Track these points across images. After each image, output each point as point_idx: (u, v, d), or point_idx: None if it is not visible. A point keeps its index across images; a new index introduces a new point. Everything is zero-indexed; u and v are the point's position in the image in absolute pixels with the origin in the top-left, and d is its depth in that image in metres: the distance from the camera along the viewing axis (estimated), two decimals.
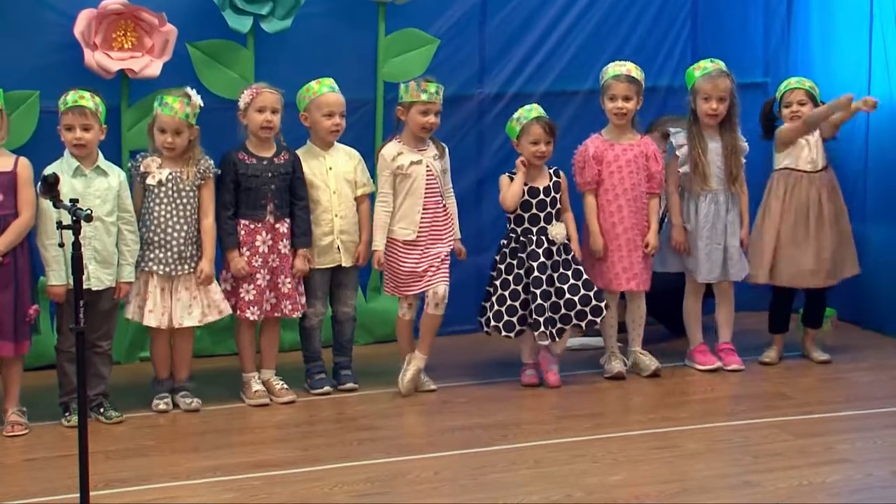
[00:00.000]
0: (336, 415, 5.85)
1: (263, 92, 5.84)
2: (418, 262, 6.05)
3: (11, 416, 5.48)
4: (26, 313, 5.47)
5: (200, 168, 5.74)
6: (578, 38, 7.13)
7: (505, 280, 6.14)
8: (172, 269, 5.71)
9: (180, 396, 5.85)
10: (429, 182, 6.05)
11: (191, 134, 5.71)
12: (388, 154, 6.04)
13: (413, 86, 6.01)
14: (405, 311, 6.15)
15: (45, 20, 6.07)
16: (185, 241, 5.72)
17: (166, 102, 5.67)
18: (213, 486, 4.91)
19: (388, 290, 6.20)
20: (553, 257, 6.11)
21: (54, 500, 4.66)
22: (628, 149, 6.29)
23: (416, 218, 6.03)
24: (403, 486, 4.91)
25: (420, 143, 6.08)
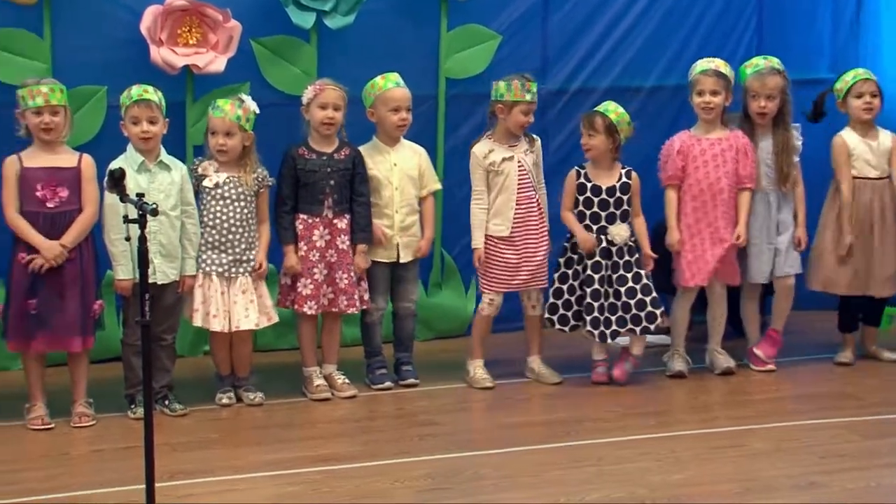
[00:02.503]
0: (397, 410, 5.86)
1: (326, 88, 5.86)
2: (514, 258, 6.05)
3: (79, 407, 5.54)
4: (91, 309, 5.53)
5: (258, 177, 5.77)
6: (642, 33, 7.10)
7: (564, 274, 6.12)
8: (228, 270, 5.74)
9: (243, 390, 5.89)
10: (521, 177, 6.05)
11: (244, 139, 5.72)
12: (480, 152, 6.04)
13: (517, 84, 5.99)
14: (486, 306, 6.14)
15: (112, 16, 6.13)
16: (241, 243, 5.75)
17: (217, 105, 5.71)
18: (275, 479, 4.93)
19: (484, 287, 6.16)
20: (612, 258, 6.07)
21: (120, 491, 4.70)
22: (716, 143, 6.23)
23: (509, 214, 6.03)
24: (464, 482, 4.91)
25: (512, 139, 6.08)
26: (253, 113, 5.73)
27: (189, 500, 4.68)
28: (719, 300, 6.35)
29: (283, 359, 6.44)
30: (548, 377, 6.17)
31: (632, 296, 6.05)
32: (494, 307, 6.16)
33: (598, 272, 6.05)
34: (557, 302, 6.12)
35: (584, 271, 6.06)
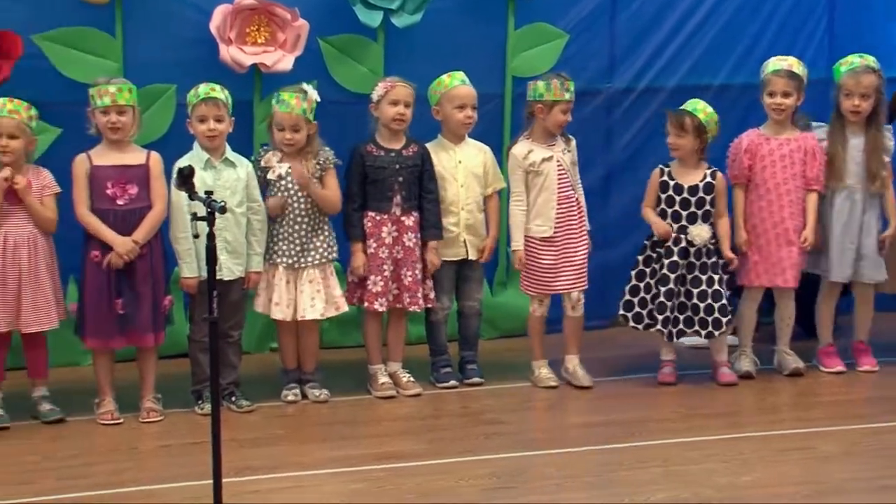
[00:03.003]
0: (461, 409, 5.86)
1: (398, 85, 5.87)
2: (556, 259, 6.03)
3: (147, 403, 5.60)
4: (162, 304, 5.58)
5: (320, 159, 5.79)
6: (711, 31, 7.05)
7: (641, 272, 6.09)
8: (296, 260, 5.76)
9: (309, 387, 5.92)
10: (560, 177, 6.02)
11: (309, 129, 5.75)
12: (519, 153, 6.03)
13: (556, 84, 5.97)
14: (536, 307, 6.13)
15: (182, 16, 6.19)
16: (307, 232, 5.78)
17: (283, 99, 5.73)
18: (341, 476, 4.95)
19: (525, 289, 6.14)
20: (689, 258, 6.02)
21: (187, 486, 4.74)
22: (784, 144, 6.16)
23: (551, 214, 6.01)
24: (529, 481, 4.90)
25: (550, 139, 6.05)
26: (315, 102, 5.75)
27: (255, 496, 4.70)
28: (787, 301, 6.28)
29: (348, 356, 6.45)
30: (581, 379, 6.11)
31: (702, 299, 6.00)
32: (545, 308, 6.13)
33: (675, 271, 6.00)
34: (633, 300, 6.09)
35: (661, 269, 6.02)
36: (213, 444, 4.13)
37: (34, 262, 5.45)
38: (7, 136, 5.38)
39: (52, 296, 5.51)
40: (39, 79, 5.88)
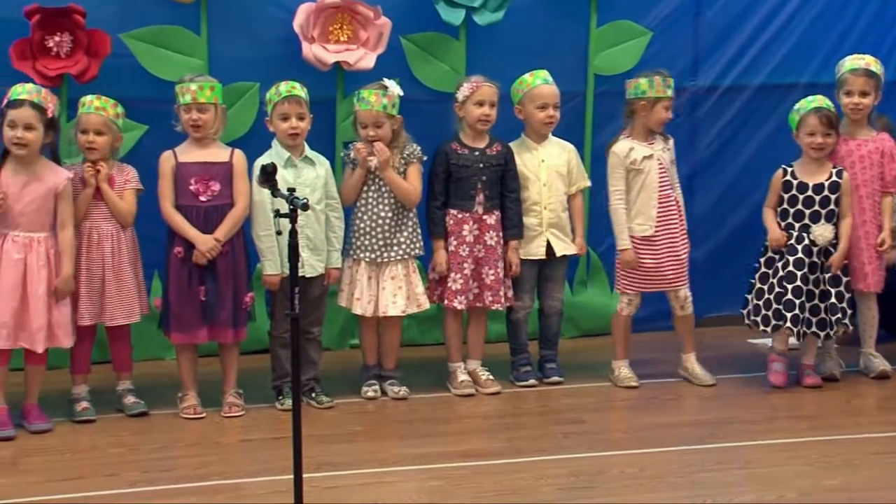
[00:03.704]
0: (541, 407, 5.84)
1: (483, 86, 5.87)
2: (658, 258, 5.99)
3: (229, 398, 5.65)
4: (243, 301, 5.63)
5: (405, 153, 5.79)
6: (798, 28, 6.96)
7: (764, 274, 6.02)
8: (378, 255, 5.78)
9: (388, 384, 5.93)
10: (661, 175, 5.99)
11: (393, 124, 5.76)
12: (621, 150, 5.99)
13: (658, 81, 5.94)
14: (625, 306, 6.09)
15: (266, 14, 6.24)
16: (391, 228, 5.79)
17: (363, 97, 5.75)
18: (420, 473, 4.96)
19: (623, 287, 6.09)
20: (812, 258, 5.94)
21: (269, 480, 4.78)
22: (862, 144, 6.07)
23: (652, 213, 5.98)
24: (609, 481, 4.87)
25: (650, 137, 6.02)
26: (398, 97, 5.76)
27: (334, 491, 4.72)
28: (869, 304, 6.17)
29: (428, 353, 6.46)
30: (702, 378, 6.08)
31: (824, 299, 5.93)
32: (634, 307, 6.10)
33: (801, 269, 5.91)
34: (759, 303, 6.01)
35: (785, 268, 5.94)
36: (293, 439, 4.15)
37: (117, 256, 5.52)
38: (94, 132, 5.46)
39: (135, 290, 5.59)
40: (126, 77, 5.97)
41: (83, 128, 5.47)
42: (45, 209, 5.33)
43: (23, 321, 5.28)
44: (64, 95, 5.91)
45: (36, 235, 5.31)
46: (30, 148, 5.26)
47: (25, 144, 5.24)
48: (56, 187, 5.34)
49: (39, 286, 5.28)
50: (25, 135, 5.24)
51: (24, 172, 5.31)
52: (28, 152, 5.27)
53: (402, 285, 5.82)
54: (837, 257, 5.95)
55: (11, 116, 5.25)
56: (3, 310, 5.24)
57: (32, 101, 5.27)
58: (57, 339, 5.36)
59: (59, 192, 5.34)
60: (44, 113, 5.29)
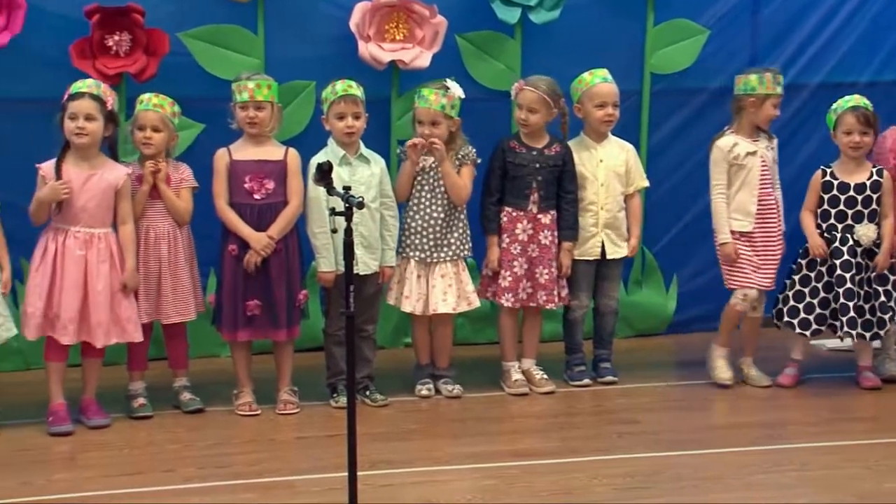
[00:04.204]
0: (595, 407, 5.82)
1: (524, 90, 5.83)
2: (755, 255, 5.96)
3: (284, 395, 5.68)
4: (297, 299, 5.65)
5: (459, 154, 5.79)
6: (858, 26, 6.89)
7: (805, 276, 5.98)
8: (429, 255, 5.79)
9: (442, 383, 5.93)
10: (763, 172, 5.96)
11: (451, 125, 5.75)
12: (725, 145, 5.97)
13: (769, 78, 5.91)
14: (738, 302, 6.01)
15: (322, 13, 6.26)
16: (442, 227, 5.79)
17: (422, 95, 5.75)
18: (473, 472, 4.95)
19: (734, 284, 6.01)
20: (857, 258, 5.89)
21: (322, 478, 4.80)
22: None
23: (751, 209, 5.95)
24: (664, 482, 4.84)
25: (754, 134, 5.99)
26: (458, 99, 5.75)
27: (388, 489, 4.73)
28: None
29: (482, 352, 6.45)
30: (757, 379, 6.04)
31: (870, 300, 5.88)
32: (749, 302, 6.02)
33: (849, 271, 5.86)
34: (799, 305, 5.98)
35: (833, 272, 5.89)
36: (348, 437, 4.15)
37: (174, 254, 5.56)
38: (151, 128, 5.50)
39: (191, 288, 5.63)
40: (184, 75, 6.01)
41: (140, 124, 5.52)
42: (105, 205, 5.38)
43: (84, 316, 5.34)
44: (122, 94, 5.96)
45: (96, 231, 5.36)
46: (90, 138, 5.30)
47: (86, 134, 5.29)
48: (116, 183, 5.38)
49: (99, 282, 5.33)
50: (86, 125, 5.28)
51: (84, 168, 5.36)
52: (88, 142, 5.31)
53: (452, 283, 5.82)
54: (882, 257, 5.89)
55: (72, 108, 5.30)
56: (69, 306, 5.30)
57: (92, 94, 5.32)
58: (127, 334, 5.41)
59: (118, 189, 5.39)
60: (103, 105, 5.33)
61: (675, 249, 6.91)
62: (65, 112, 5.32)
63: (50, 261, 5.32)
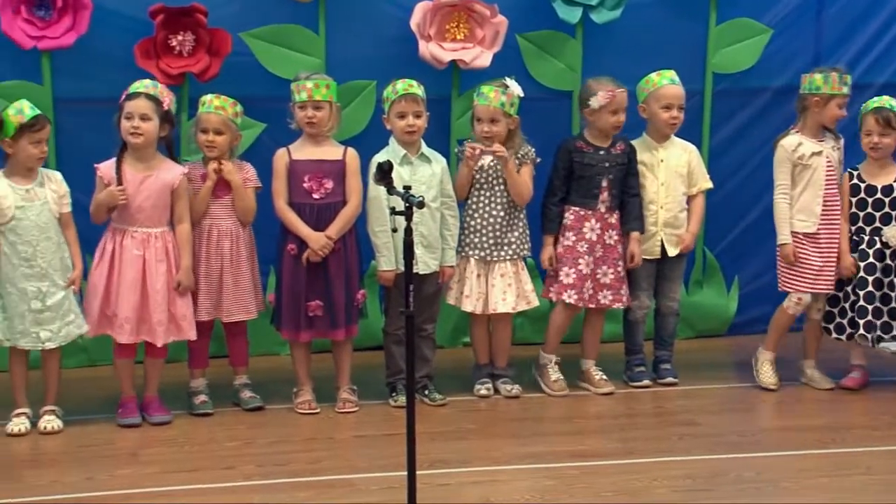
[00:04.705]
0: (655, 408, 5.79)
1: (618, 93, 5.80)
2: (820, 258, 5.91)
3: (343, 394, 5.70)
4: (355, 298, 5.67)
5: (519, 153, 5.78)
6: None
7: (838, 281, 5.93)
8: (488, 254, 5.78)
9: (501, 383, 5.93)
10: (828, 173, 5.90)
11: (509, 123, 5.74)
12: (789, 145, 5.92)
13: (835, 77, 5.86)
14: (791, 305, 5.97)
15: (383, 13, 6.28)
16: (502, 227, 5.78)
17: (482, 92, 5.74)
18: (533, 472, 4.94)
19: (792, 286, 5.96)
20: (885, 260, 5.83)
21: (382, 476, 4.81)
22: None
23: (816, 210, 5.90)
24: (725, 484, 4.80)
25: (820, 134, 5.93)
26: (517, 97, 5.74)
27: (447, 489, 4.73)
28: None
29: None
30: (819, 382, 5.99)
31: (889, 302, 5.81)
32: (802, 306, 5.98)
33: (872, 274, 5.82)
34: (834, 310, 5.96)
35: (858, 274, 5.84)
36: (407, 437, 4.16)
37: (236, 253, 5.60)
38: (213, 131, 5.53)
39: (252, 286, 5.66)
40: (246, 75, 6.05)
41: (203, 127, 5.55)
42: (162, 204, 5.43)
43: (143, 315, 5.39)
44: (185, 94, 6.02)
45: (153, 231, 5.41)
46: (145, 138, 5.35)
47: (141, 134, 5.33)
48: (172, 183, 5.43)
49: (158, 281, 5.38)
50: (141, 124, 5.33)
51: (141, 168, 5.41)
52: (143, 142, 5.36)
53: (512, 283, 5.81)
54: None
55: (128, 108, 5.35)
56: (126, 305, 5.36)
57: (149, 94, 5.37)
58: (182, 332, 5.47)
59: (175, 188, 5.43)
60: (159, 105, 5.38)
61: (736, 250, 6.86)
62: (122, 112, 5.37)
63: (108, 260, 5.38)
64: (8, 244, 5.26)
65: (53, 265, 5.30)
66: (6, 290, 5.28)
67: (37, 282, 5.27)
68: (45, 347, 5.33)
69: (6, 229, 5.25)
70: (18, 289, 5.26)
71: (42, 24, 5.86)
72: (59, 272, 5.32)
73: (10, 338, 5.31)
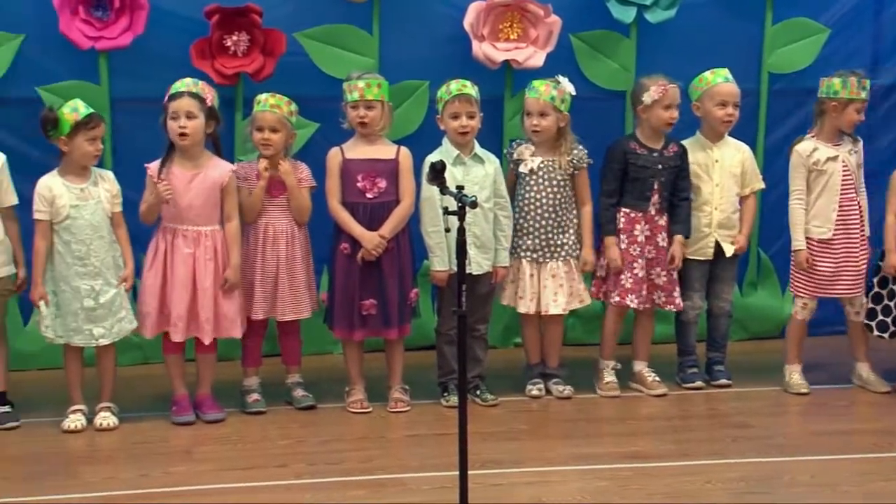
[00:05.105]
0: (709, 410, 5.75)
1: (670, 88, 5.78)
2: (835, 263, 5.85)
3: (395, 393, 5.71)
4: (408, 297, 5.67)
5: (574, 158, 5.76)
6: None
7: (883, 279, 5.89)
8: (541, 255, 5.76)
9: (553, 383, 5.91)
10: (844, 178, 5.85)
11: (559, 119, 5.72)
12: (804, 150, 5.87)
13: (853, 81, 5.80)
14: (800, 310, 5.96)
15: (437, 13, 6.29)
16: (554, 228, 5.77)
17: (533, 87, 5.73)
18: (585, 473, 4.92)
19: (797, 290, 5.95)
20: None
21: (433, 476, 4.81)
22: None
23: (831, 216, 5.84)
24: (780, 487, 4.77)
25: (837, 138, 5.88)
26: (569, 94, 5.72)
27: (498, 489, 4.72)
28: None
29: (593, 353, 6.39)
30: (876, 385, 5.93)
31: None
32: (809, 311, 5.96)
33: None
34: (877, 308, 5.90)
35: None
36: (459, 436, 4.15)
37: (291, 252, 5.62)
38: (269, 129, 5.56)
39: (306, 286, 5.68)
40: (299, 75, 6.08)
41: (258, 125, 5.58)
42: (211, 202, 5.46)
43: (193, 313, 5.43)
44: (240, 94, 6.06)
45: (203, 229, 5.45)
46: (193, 136, 5.38)
47: (188, 133, 5.37)
48: (221, 180, 5.46)
49: (206, 279, 5.41)
50: (187, 123, 5.36)
51: (189, 167, 5.44)
52: (191, 141, 5.39)
53: (564, 283, 5.79)
54: None
55: (173, 108, 5.39)
56: (178, 303, 5.40)
57: (191, 92, 5.40)
58: (226, 330, 5.50)
59: (224, 186, 5.46)
60: (203, 102, 5.41)
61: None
62: (167, 113, 5.41)
63: (161, 259, 5.43)
64: (62, 243, 5.31)
65: (106, 263, 5.35)
66: (60, 289, 5.33)
67: (90, 280, 5.32)
68: (99, 344, 5.38)
69: (60, 228, 5.31)
70: (72, 287, 5.32)
71: (100, 24, 5.92)
72: (112, 270, 5.37)
73: (64, 335, 5.36)
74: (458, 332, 4.21)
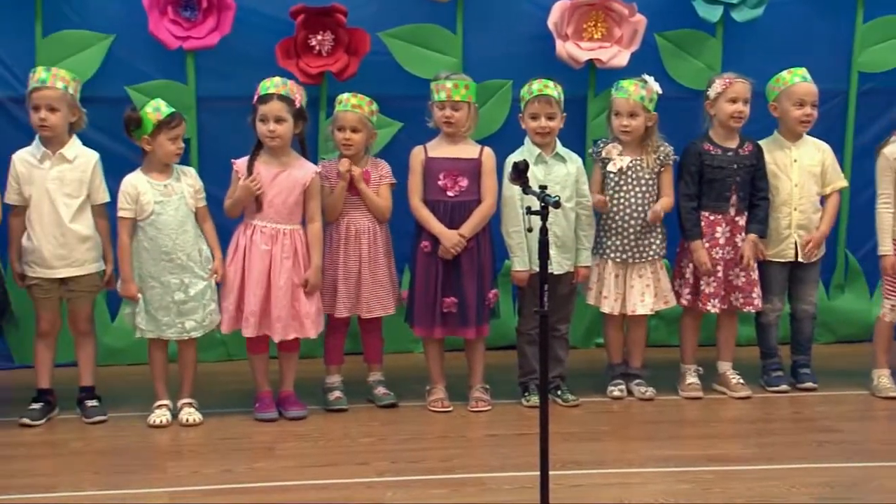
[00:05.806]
0: (794, 414, 5.67)
1: (736, 82, 5.73)
2: None
3: (476, 392, 5.71)
4: (487, 297, 5.66)
5: (660, 155, 5.72)
6: None
7: None
8: (629, 255, 5.73)
9: (635, 384, 5.87)
10: None
11: (648, 119, 5.69)
12: (890, 153, 5.77)
13: None
14: (887, 312, 5.86)
15: (521, 12, 6.28)
16: (640, 229, 5.73)
17: (622, 87, 5.71)
18: (667, 475, 4.88)
19: (890, 294, 5.86)
20: None
21: (513, 476, 4.80)
22: None
23: None
24: (867, 493, 4.68)
25: None
26: (656, 94, 5.69)
27: (579, 490, 4.70)
28: None
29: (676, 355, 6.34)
30: None
31: None
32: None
33: None
34: None
35: None
36: (540, 437, 4.14)
37: (373, 250, 5.65)
38: (350, 129, 5.58)
39: (389, 283, 5.70)
40: (383, 74, 6.10)
41: (340, 125, 5.61)
42: (293, 201, 5.49)
43: (266, 310, 5.47)
44: (324, 93, 6.10)
45: (282, 227, 5.48)
46: (281, 140, 5.43)
47: (277, 136, 5.41)
48: (304, 181, 5.50)
49: (281, 277, 5.45)
50: (277, 127, 5.41)
51: (274, 164, 5.49)
52: (281, 143, 5.44)
53: (650, 283, 5.76)
54: None
55: (262, 111, 5.44)
56: (251, 299, 5.45)
57: (280, 94, 5.44)
58: (303, 330, 5.52)
59: (307, 186, 5.50)
60: (292, 104, 5.44)
61: None
62: (256, 114, 5.45)
63: (241, 255, 5.48)
64: (148, 239, 5.39)
65: (192, 257, 5.42)
66: (149, 285, 5.41)
67: (179, 274, 5.39)
68: (191, 336, 5.46)
69: (146, 224, 5.38)
70: (161, 282, 5.39)
71: (187, 24, 5.99)
72: (198, 263, 5.43)
73: (155, 329, 5.44)
74: (540, 332, 4.19)
